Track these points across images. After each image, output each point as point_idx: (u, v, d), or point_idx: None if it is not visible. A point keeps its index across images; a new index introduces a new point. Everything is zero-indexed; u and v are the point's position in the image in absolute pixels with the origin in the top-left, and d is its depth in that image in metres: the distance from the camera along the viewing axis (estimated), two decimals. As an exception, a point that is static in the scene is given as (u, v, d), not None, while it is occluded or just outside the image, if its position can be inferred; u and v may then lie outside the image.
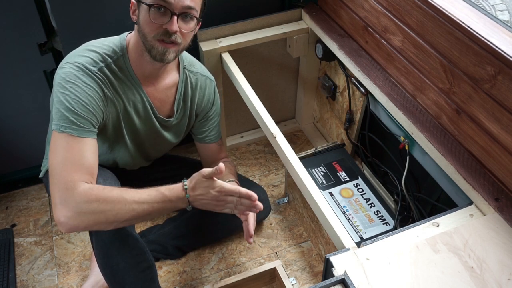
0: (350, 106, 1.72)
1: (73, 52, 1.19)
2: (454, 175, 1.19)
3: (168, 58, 1.16)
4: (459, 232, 1.07)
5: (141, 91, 1.26)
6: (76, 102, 1.11)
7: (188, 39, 1.18)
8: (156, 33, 1.13)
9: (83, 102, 1.12)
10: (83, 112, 1.12)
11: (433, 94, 1.28)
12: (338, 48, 1.59)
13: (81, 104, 1.11)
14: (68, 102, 1.10)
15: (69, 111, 1.10)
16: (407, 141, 1.40)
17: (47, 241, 1.71)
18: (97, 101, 1.15)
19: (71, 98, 1.11)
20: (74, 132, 1.10)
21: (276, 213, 1.80)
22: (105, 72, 1.18)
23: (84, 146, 1.11)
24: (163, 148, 1.47)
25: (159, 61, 1.17)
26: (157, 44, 1.14)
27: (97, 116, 1.15)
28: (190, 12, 1.13)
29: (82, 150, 1.10)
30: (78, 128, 1.10)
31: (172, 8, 1.11)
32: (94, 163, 1.13)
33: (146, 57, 1.19)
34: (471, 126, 1.17)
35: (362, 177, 1.62)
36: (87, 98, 1.12)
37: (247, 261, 1.64)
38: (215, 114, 1.45)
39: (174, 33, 1.12)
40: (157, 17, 1.11)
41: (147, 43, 1.15)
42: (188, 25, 1.15)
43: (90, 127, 1.13)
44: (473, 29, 1.10)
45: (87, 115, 1.12)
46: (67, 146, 1.09)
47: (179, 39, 1.15)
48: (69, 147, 1.09)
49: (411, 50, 1.32)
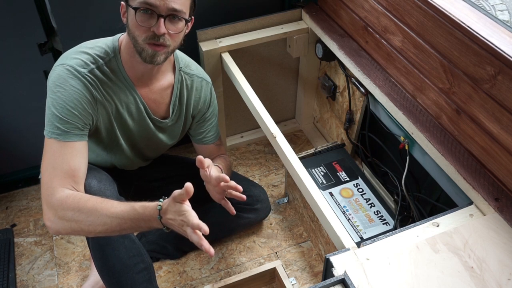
0: (350, 106, 1.72)
1: (66, 54, 1.19)
2: (454, 175, 1.19)
3: (157, 60, 1.17)
4: (459, 232, 1.07)
5: (134, 92, 1.25)
6: (62, 107, 1.12)
7: (178, 40, 1.18)
8: (145, 36, 1.12)
9: (69, 106, 1.13)
10: (68, 116, 1.13)
11: (433, 94, 1.27)
12: (338, 48, 1.59)
13: (65, 109, 1.12)
14: (54, 108, 1.13)
15: (54, 117, 1.12)
16: (407, 141, 1.40)
17: (47, 241, 1.71)
18: (84, 105, 1.15)
19: (58, 103, 1.13)
20: (59, 137, 1.12)
21: (276, 213, 1.80)
22: (96, 74, 1.18)
23: (69, 150, 1.12)
24: (159, 149, 1.47)
25: (149, 63, 1.17)
26: (147, 47, 1.14)
27: (84, 119, 1.16)
28: (177, 14, 1.13)
29: (66, 154, 1.12)
30: (62, 133, 1.12)
31: (159, 11, 1.10)
32: (79, 167, 1.13)
33: (137, 59, 1.18)
34: (471, 126, 1.17)
35: (362, 177, 1.62)
36: (72, 102, 1.13)
37: (247, 261, 1.64)
38: (212, 115, 1.45)
39: (162, 35, 1.12)
40: (144, 20, 1.11)
41: (138, 46, 1.15)
42: (176, 26, 1.14)
43: (76, 131, 1.14)
44: (473, 29, 1.09)
45: (72, 119, 1.13)
46: (51, 151, 1.12)
47: (168, 41, 1.14)
48: (54, 152, 1.12)
49: (411, 50, 1.32)
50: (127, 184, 1.46)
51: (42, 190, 1.10)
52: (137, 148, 1.39)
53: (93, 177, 1.22)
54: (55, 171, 1.10)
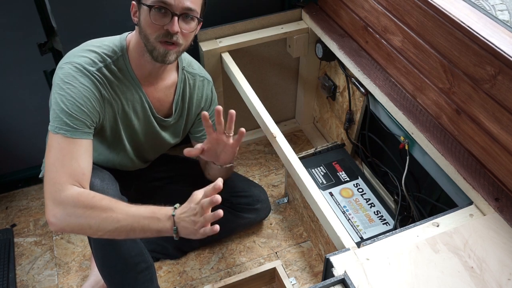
0: (350, 106, 1.72)
1: (72, 52, 1.19)
2: (454, 175, 1.19)
3: (169, 59, 1.17)
4: (459, 232, 1.07)
5: (140, 91, 1.26)
6: (71, 103, 1.12)
7: (189, 39, 1.19)
8: (157, 34, 1.13)
9: (78, 103, 1.12)
10: (77, 113, 1.12)
11: (433, 94, 1.27)
12: (338, 48, 1.59)
13: (75, 105, 1.12)
14: (63, 103, 1.11)
15: (63, 112, 1.11)
16: (407, 141, 1.40)
17: (47, 241, 1.71)
18: (92, 102, 1.15)
19: (67, 99, 1.12)
20: (67, 133, 1.11)
21: (276, 213, 1.80)
22: (104, 72, 1.18)
23: (77, 147, 1.12)
24: (161, 149, 1.47)
25: (161, 62, 1.18)
26: (159, 45, 1.14)
27: (92, 117, 1.15)
28: (191, 13, 1.14)
29: (74, 151, 1.11)
30: (71, 129, 1.11)
31: (173, 9, 1.11)
32: (86, 165, 1.13)
33: (147, 58, 1.19)
34: (471, 126, 1.17)
35: (362, 177, 1.62)
36: (82, 99, 1.13)
37: (247, 261, 1.64)
38: (213, 113, 1.45)
39: (175, 33, 1.13)
40: (158, 18, 1.12)
41: (149, 45, 1.15)
42: (189, 26, 1.16)
43: (84, 128, 1.13)
44: (473, 29, 1.10)
45: (81, 116, 1.13)
46: (59, 147, 1.10)
47: (181, 39, 1.15)
48: (61, 148, 1.10)
49: (411, 50, 1.32)
50: (127, 184, 1.45)
51: (47, 186, 1.08)
52: (140, 149, 1.39)
53: (96, 176, 1.22)
54: (64, 168, 1.09)
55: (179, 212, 1.10)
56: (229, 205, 1.59)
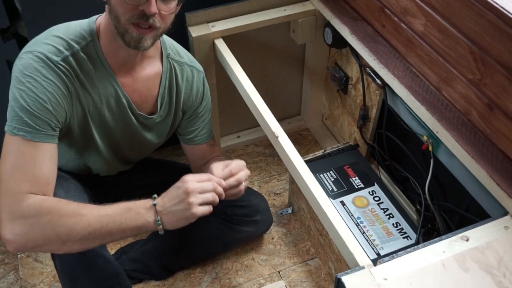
0: (365, 101, 1.73)
1: (35, 39, 1.18)
2: (486, 181, 1.19)
3: (144, 45, 1.16)
4: (492, 247, 1.07)
5: (115, 83, 1.24)
6: (33, 99, 1.10)
7: (168, 21, 1.17)
8: (131, 15, 1.11)
9: (41, 99, 1.11)
10: (40, 111, 1.11)
11: (461, 87, 1.28)
12: (350, 33, 1.59)
13: (38, 102, 1.10)
14: (23, 100, 1.10)
15: (23, 110, 1.09)
16: (431, 141, 1.40)
17: (11, 259, 1.71)
18: (58, 99, 1.14)
19: (28, 95, 1.10)
20: (28, 135, 1.09)
21: (279, 226, 1.80)
22: (70, 62, 1.17)
23: (39, 152, 1.11)
24: (143, 150, 1.47)
25: (134, 48, 1.17)
26: (132, 28, 1.13)
27: (57, 116, 1.14)
28: None
29: (36, 157, 1.10)
30: (33, 130, 1.10)
31: None
32: (50, 173, 1.13)
33: (119, 42, 1.17)
34: (505, 124, 1.17)
35: (379, 184, 1.63)
36: (45, 95, 1.12)
37: (245, 281, 1.64)
38: (205, 110, 1.45)
39: (152, 15, 1.11)
40: None
41: (120, 27, 1.13)
42: (169, 6, 1.14)
43: (48, 130, 1.12)
44: (508, 10, 1.09)
45: (44, 115, 1.11)
46: (18, 151, 1.09)
47: (158, 22, 1.13)
48: (21, 153, 1.09)
49: (435, 35, 1.32)
50: (104, 193, 1.45)
51: (3, 198, 1.06)
52: (117, 150, 1.39)
53: (59, 186, 1.20)
54: (25, 175, 1.08)
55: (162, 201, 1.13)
56: (224, 217, 1.59)
